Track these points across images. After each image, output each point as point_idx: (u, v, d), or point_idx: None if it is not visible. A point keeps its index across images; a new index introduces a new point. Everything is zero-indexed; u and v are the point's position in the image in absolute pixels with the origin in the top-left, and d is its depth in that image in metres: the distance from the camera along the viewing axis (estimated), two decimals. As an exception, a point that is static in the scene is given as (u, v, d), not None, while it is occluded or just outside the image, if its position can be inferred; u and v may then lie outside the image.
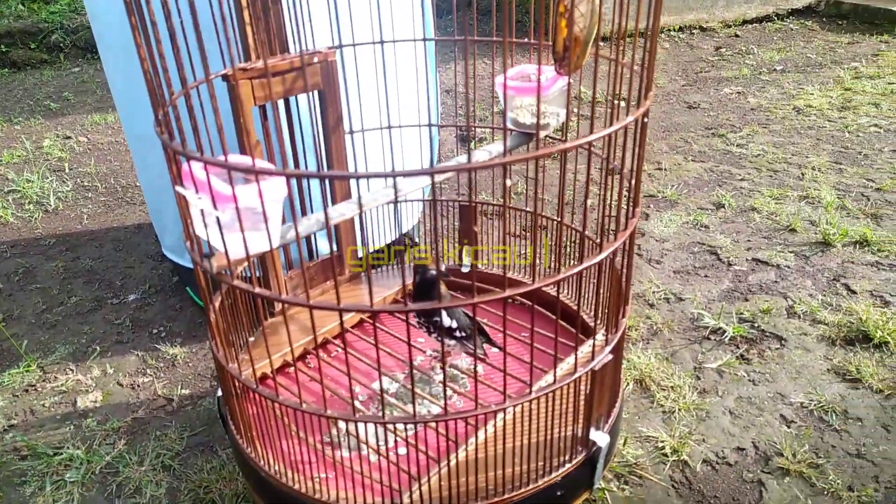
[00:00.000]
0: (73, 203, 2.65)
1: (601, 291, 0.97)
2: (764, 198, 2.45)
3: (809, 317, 1.79)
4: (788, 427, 1.44)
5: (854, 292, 1.88)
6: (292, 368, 1.33)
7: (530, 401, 0.90)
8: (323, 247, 1.63)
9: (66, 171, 2.94)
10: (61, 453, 1.43)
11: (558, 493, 1.02)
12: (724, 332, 1.74)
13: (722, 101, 3.57)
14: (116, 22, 1.54)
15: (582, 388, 1.00)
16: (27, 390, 1.64)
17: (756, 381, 1.58)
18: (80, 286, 2.08)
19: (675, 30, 4.86)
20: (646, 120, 0.89)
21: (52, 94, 4.07)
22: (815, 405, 1.49)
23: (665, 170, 2.76)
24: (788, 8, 5.04)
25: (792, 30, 4.81)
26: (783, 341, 1.71)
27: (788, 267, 2.03)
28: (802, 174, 2.63)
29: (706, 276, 2.02)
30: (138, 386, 1.65)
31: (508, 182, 0.72)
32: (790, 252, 2.10)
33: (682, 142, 3.04)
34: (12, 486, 1.37)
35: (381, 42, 1.16)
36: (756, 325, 1.77)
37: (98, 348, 1.78)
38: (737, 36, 4.74)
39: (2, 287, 2.09)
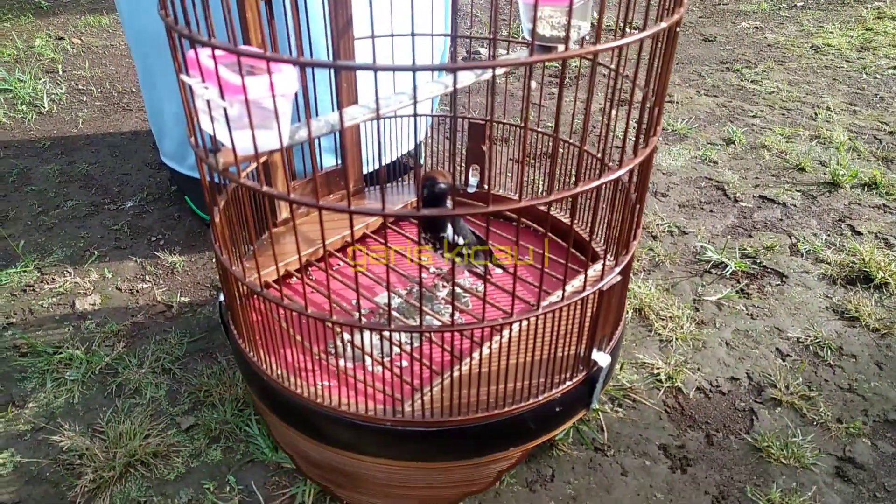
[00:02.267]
0: (68, 106, 2.58)
1: (615, 212, 0.95)
2: (775, 136, 2.41)
3: (812, 255, 1.78)
4: (783, 360, 1.46)
5: (859, 233, 1.87)
6: (294, 280, 1.32)
7: (536, 317, 0.90)
8: (326, 161, 1.59)
9: (60, 72, 2.85)
10: (61, 352, 1.44)
11: (557, 409, 1.03)
12: (726, 266, 1.73)
13: (739, 35, 3.46)
14: None
15: (588, 308, 0.99)
16: (25, 290, 1.64)
17: (754, 315, 1.59)
18: (77, 190, 2.05)
19: (695, -42, 4.67)
20: (678, 30, 0.84)
21: (44, -8, 3.90)
22: (811, 340, 1.50)
23: (676, 103, 2.70)
24: (815, -59, 4.82)
25: (816, -36, 4.62)
26: (784, 278, 1.71)
27: (795, 206, 2.01)
28: (816, 114, 2.58)
29: (711, 210, 2.00)
30: (137, 291, 1.64)
31: (534, 84, 0.69)
32: (797, 191, 2.08)
33: (696, 75, 2.97)
34: (13, 381, 1.38)
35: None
36: (758, 261, 1.77)
37: (96, 253, 1.77)
38: (759, -32, 4.56)
39: (-4, 187, 2.05)
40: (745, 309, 1.61)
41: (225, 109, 0.78)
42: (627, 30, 0.78)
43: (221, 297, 1.18)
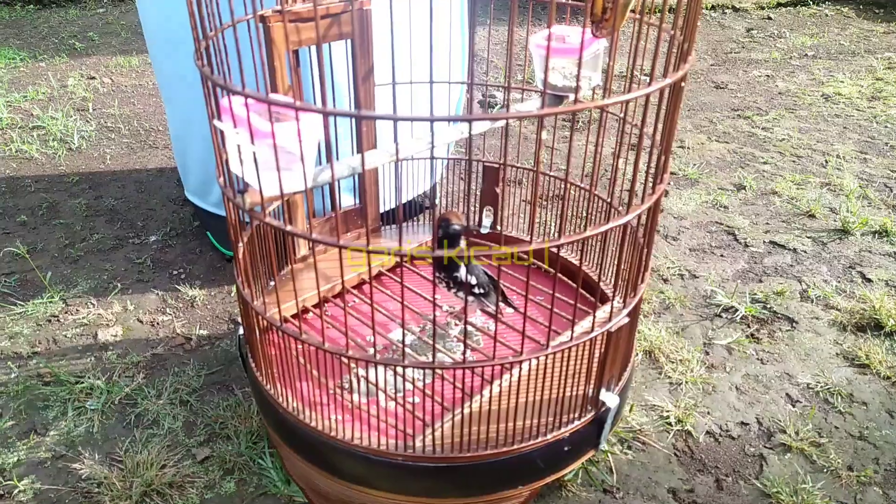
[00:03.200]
0: (97, 143, 2.67)
1: (623, 254, 0.98)
2: (786, 182, 2.44)
3: (822, 301, 1.79)
4: (793, 406, 1.46)
5: (869, 280, 1.88)
6: (311, 315, 1.36)
7: (546, 356, 0.92)
8: (345, 200, 1.65)
9: (90, 110, 2.96)
10: (82, 382, 1.48)
11: (565, 449, 1.05)
12: (736, 310, 1.75)
13: (750, 83, 3.53)
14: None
15: (597, 349, 1.01)
16: (50, 320, 1.68)
17: (764, 360, 1.60)
18: (103, 224, 2.11)
19: (707, 8, 4.78)
20: (683, 84, 0.89)
21: (77, 33, 4.06)
22: (821, 387, 1.51)
23: (688, 148, 2.74)
24: (825, -7, 4.93)
25: (827, 15, 4.71)
26: (794, 323, 1.72)
27: (805, 252, 2.03)
28: (826, 161, 2.61)
29: (722, 255, 2.02)
30: (158, 323, 1.68)
31: (545, 134, 0.73)
32: (808, 237, 2.10)
33: (707, 121, 3.02)
34: (36, 409, 1.42)
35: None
36: (768, 306, 1.78)
37: (119, 285, 1.82)
38: (769, 18, 4.65)
39: (26, 220, 2.12)
40: (755, 354, 1.62)
41: (254, 153, 0.83)
42: (637, 74, 0.82)
43: (241, 331, 1.22)
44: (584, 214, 0.89)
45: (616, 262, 1.03)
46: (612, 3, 1.06)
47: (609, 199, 1.11)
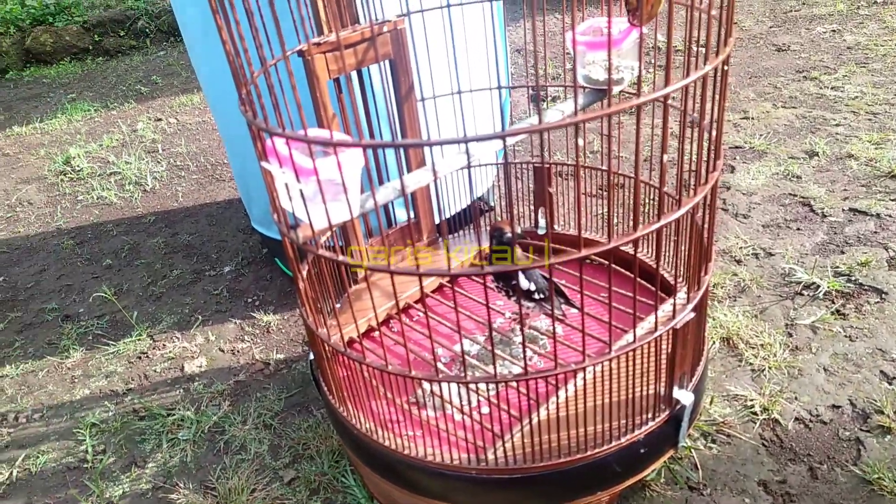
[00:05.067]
0: (169, 182, 2.81)
1: (681, 249, 0.95)
2: (862, 143, 2.30)
3: (914, 268, 1.68)
4: (890, 384, 1.38)
5: (965, 240, 1.75)
6: (377, 333, 1.38)
7: (610, 360, 0.91)
8: (401, 215, 1.67)
9: (160, 151, 3.12)
10: (174, 414, 1.56)
11: (641, 451, 1.02)
12: (819, 286, 1.66)
13: (814, 40, 3.34)
14: (197, 10, 1.61)
15: (664, 346, 0.99)
16: (140, 357, 1.79)
17: (853, 336, 1.51)
18: (180, 260, 2.22)
19: (761, -33, 4.55)
20: (726, 67, 0.86)
21: (142, 78, 4.29)
22: (919, 361, 1.42)
23: (752, 118, 2.63)
24: (892, -68, 4.60)
25: (896, -44, 4.40)
26: (884, 294, 1.62)
27: (890, 216, 1.90)
28: (907, 115, 2.44)
29: (798, 228, 1.93)
30: (238, 351, 1.76)
31: (580, 141, 0.72)
32: (892, 200, 1.97)
33: (771, 87, 2.88)
34: (134, 443, 1.51)
35: (449, 6, 1.16)
36: (853, 278, 1.68)
37: (200, 317, 1.91)
38: (832, -32, 4.39)
39: (111, 263, 2.26)
40: (842, 331, 1.53)
41: (301, 190, 0.86)
42: (694, 50, 0.80)
43: (311, 356, 1.25)
44: (635, 205, 0.87)
45: (674, 254, 1.00)
46: (646, -10, 1.03)
47: (660, 186, 1.08)
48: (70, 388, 1.71)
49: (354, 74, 1.34)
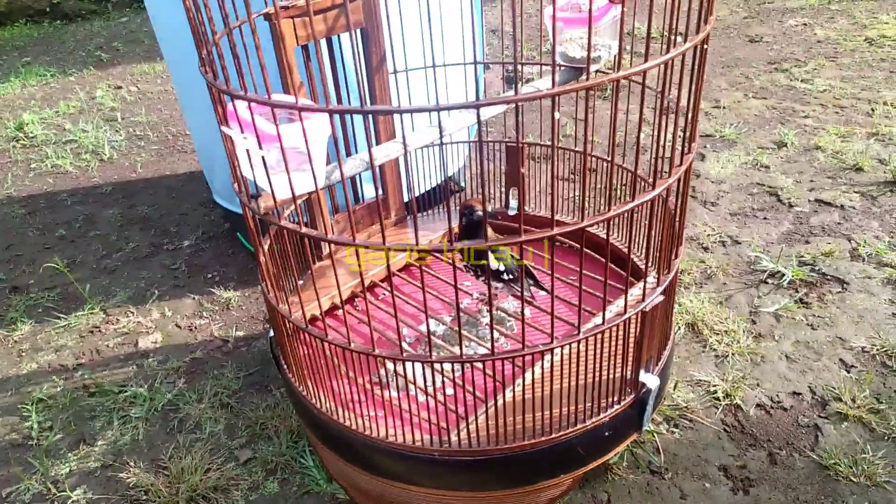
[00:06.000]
0: (127, 152, 2.71)
1: (653, 233, 0.94)
2: (829, 136, 2.33)
3: (874, 259, 1.71)
4: (848, 372, 1.40)
5: (925, 234, 1.78)
6: (340, 311, 1.35)
7: (578, 342, 0.89)
8: (368, 191, 1.63)
9: (119, 120, 3.00)
10: (126, 391, 1.50)
11: (606, 434, 1.01)
12: (783, 275, 1.68)
13: (786, 33, 3.37)
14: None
15: (632, 329, 0.98)
16: (92, 331, 1.72)
17: (815, 325, 1.53)
18: (137, 233, 2.14)
19: (736, -42, 4.57)
20: (705, 47, 0.84)
21: (103, 44, 4.13)
22: (877, 350, 1.44)
23: (724, 107, 2.64)
24: (863, -70, 4.66)
25: (866, -46, 4.46)
26: (845, 285, 1.64)
27: (853, 208, 1.93)
28: (872, 110, 2.47)
29: (765, 218, 1.94)
30: (195, 328, 1.70)
31: (556, 115, 0.69)
32: (856, 192, 2.00)
33: (743, 77, 2.90)
34: (83, 419, 1.45)
35: (425, -25, 1.12)
36: (817, 268, 1.70)
37: (156, 292, 1.84)
38: (804, -38, 4.43)
39: (64, 234, 2.17)
40: (804, 319, 1.55)
41: (263, 157, 0.81)
42: (670, 39, 0.77)
43: (272, 332, 1.21)
44: (609, 187, 0.85)
45: (646, 237, 0.99)
46: (626, -34, 1.00)
47: (635, 171, 1.06)
48: (17, 361, 1.64)
49: (324, 42, 1.29)
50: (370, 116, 1.33)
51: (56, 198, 2.41)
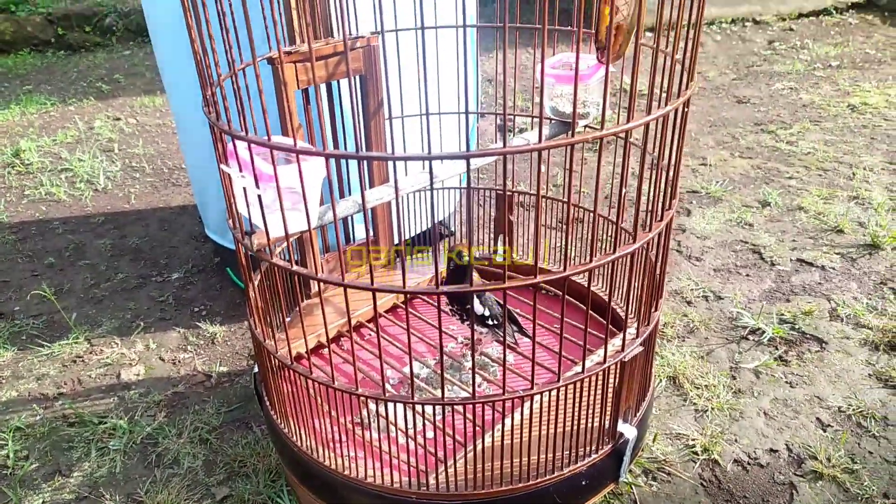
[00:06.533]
0: (122, 183, 2.73)
1: (633, 284, 0.97)
2: (812, 197, 2.39)
3: (853, 320, 1.74)
4: (824, 431, 1.41)
5: (902, 297, 1.82)
6: (326, 350, 1.36)
7: (558, 389, 0.91)
8: (359, 232, 1.65)
9: (116, 151, 3.04)
10: (105, 422, 1.49)
11: (583, 483, 1.02)
12: (764, 332, 1.71)
13: (773, 96, 3.48)
14: (168, 5, 1.59)
15: (611, 379, 0.99)
16: (75, 361, 1.71)
17: (793, 383, 1.55)
18: (127, 263, 2.15)
19: (726, 22, 4.75)
20: (686, 110, 0.88)
21: (104, 76, 4.20)
22: (853, 410, 1.45)
23: (710, 165, 2.71)
24: (848, 2, 4.87)
25: (850, 24, 4.65)
26: (824, 344, 1.66)
27: (834, 269, 1.97)
28: (853, 174, 2.55)
29: (748, 275, 1.98)
30: (179, 361, 1.70)
31: (543, 168, 0.72)
32: (836, 253, 2.05)
33: (730, 137, 2.98)
34: (60, 450, 1.44)
35: (423, 28, 1.17)
36: (797, 326, 1.73)
37: (142, 324, 1.84)
38: (791, 30, 4.60)
39: (54, 262, 2.18)
40: (783, 377, 1.57)
41: (259, 196, 0.84)
42: (657, 92, 0.82)
43: (256, 369, 1.22)
44: (592, 238, 0.88)
45: (626, 288, 1.01)
46: (616, 30, 1.05)
47: (617, 224, 1.09)
48: (-4, 388, 1.63)
49: (323, 87, 1.33)
50: (365, 161, 1.37)
51: (48, 225, 2.42)
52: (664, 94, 0.87)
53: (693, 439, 1.40)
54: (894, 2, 4.82)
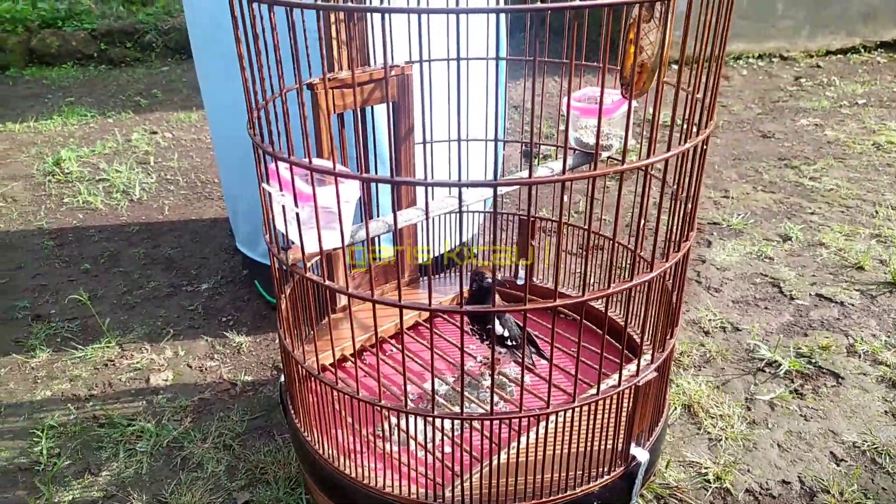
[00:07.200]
0: (157, 194, 2.83)
1: (650, 311, 1.00)
2: (833, 233, 2.40)
3: (870, 357, 1.75)
4: (838, 465, 1.42)
5: (921, 336, 1.82)
6: (350, 363, 1.40)
7: (573, 409, 0.94)
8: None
9: (152, 164, 3.14)
10: (134, 425, 1.55)
11: (595, 503, 1.05)
12: (780, 365, 1.72)
13: (798, 131, 3.50)
14: (214, 31, 1.67)
15: (625, 403, 1.02)
16: (106, 364, 1.78)
17: (808, 416, 1.56)
18: (159, 272, 2.23)
19: (754, 57, 4.78)
20: (705, 147, 0.92)
21: (143, 90, 4.34)
22: (868, 446, 1.46)
23: (732, 198, 2.73)
24: (877, 40, 4.87)
25: (879, 63, 4.65)
26: (840, 379, 1.67)
27: (853, 305, 1.98)
28: (876, 212, 2.55)
29: (766, 308, 1.99)
30: (206, 369, 1.76)
31: (565, 198, 0.77)
32: (856, 290, 2.06)
33: (753, 171, 3.00)
34: (90, 449, 1.49)
35: (457, 59, 1.23)
36: (813, 360, 1.74)
37: (172, 331, 1.91)
38: (818, 66, 4.62)
39: (89, 268, 2.26)
40: (798, 410, 1.58)
41: (297, 214, 0.90)
42: (678, 127, 0.86)
43: (282, 378, 1.27)
44: (610, 265, 0.92)
45: (643, 315, 1.05)
46: (641, 67, 1.10)
47: (635, 252, 1.13)
48: (32, 388, 1.70)
49: (358, 111, 1.40)
50: (397, 185, 1.42)
51: (85, 233, 2.51)
52: (688, 126, 0.91)
53: (706, 468, 1.41)
54: (924, 41, 4.82)
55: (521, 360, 1.29)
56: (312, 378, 1.06)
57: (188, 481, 1.40)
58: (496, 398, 1.28)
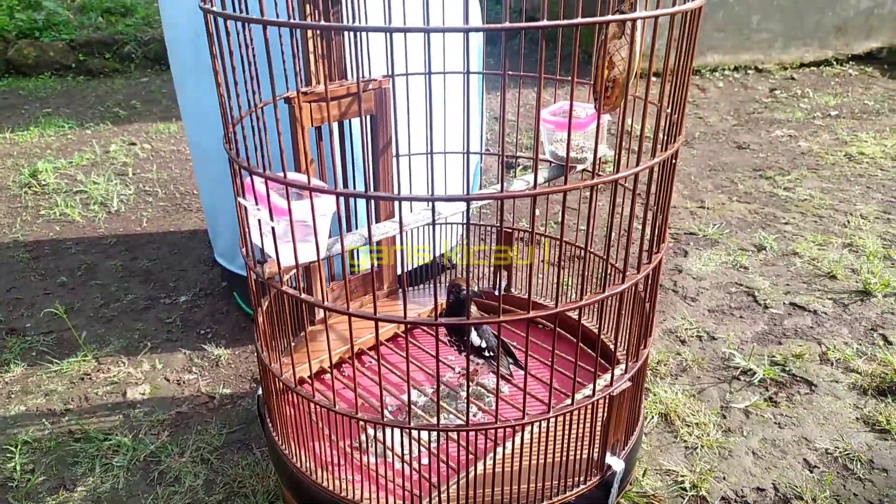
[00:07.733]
0: (135, 206, 2.81)
1: (622, 321, 1.02)
2: (807, 243, 2.45)
3: (842, 364, 1.78)
4: (811, 472, 1.45)
5: (891, 343, 1.86)
6: (328, 375, 1.40)
7: (548, 420, 0.95)
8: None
9: (130, 175, 3.12)
10: (110, 439, 1.53)
11: (572, 513, 1.06)
12: (755, 373, 1.75)
13: (772, 143, 3.56)
14: (191, 45, 1.67)
15: (600, 412, 1.04)
16: (83, 378, 1.76)
17: (782, 424, 1.59)
18: (137, 285, 2.21)
19: (729, 69, 4.86)
20: (674, 161, 0.94)
21: (122, 101, 4.31)
22: (840, 452, 1.49)
23: (708, 208, 2.77)
24: (849, 53, 4.99)
25: (851, 75, 4.76)
26: (813, 387, 1.70)
27: (825, 313, 2.02)
28: (848, 221, 2.61)
29: (741, 316, 2.02)
30: (183, 382, 1.75)
31: (537, 211, 0.78)
32: (829, 299, 2.09)
33: (728, 181, 3.05)
34: (65, 465, 1.48)
35: (427, 73, 1.25)
36: (787, 368, 1.77)
37: (149, 344, 1.89)
38: (793, 79, 4.71)
39: (66, 280, 2.24)
40: (772, 417, 1.61)
41: (273, 228, 0.90)
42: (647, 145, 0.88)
43: (260, 391, 1.27)
44: (583, 276, 0.93)
45: (616, 325, 1.06)
46: (612, 83, 1.12)
47: (606, 262, 1.15)
48: (5, 402, 1.67)
49: (336, 125, 1.41)
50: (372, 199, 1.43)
51: (61, 245, 2.49)
52: (664, 138, 0.93)
53: (682, 475, 1.43)
54: (894, 55, 4.94)
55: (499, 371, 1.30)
56: (289, 391, 1.06)
57: (165, 496, 1.39)
58: (474, 409, 1.29)
